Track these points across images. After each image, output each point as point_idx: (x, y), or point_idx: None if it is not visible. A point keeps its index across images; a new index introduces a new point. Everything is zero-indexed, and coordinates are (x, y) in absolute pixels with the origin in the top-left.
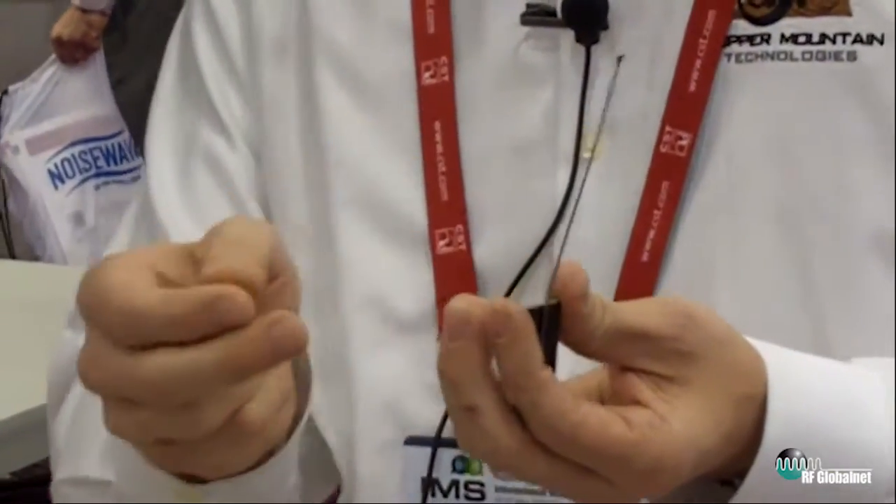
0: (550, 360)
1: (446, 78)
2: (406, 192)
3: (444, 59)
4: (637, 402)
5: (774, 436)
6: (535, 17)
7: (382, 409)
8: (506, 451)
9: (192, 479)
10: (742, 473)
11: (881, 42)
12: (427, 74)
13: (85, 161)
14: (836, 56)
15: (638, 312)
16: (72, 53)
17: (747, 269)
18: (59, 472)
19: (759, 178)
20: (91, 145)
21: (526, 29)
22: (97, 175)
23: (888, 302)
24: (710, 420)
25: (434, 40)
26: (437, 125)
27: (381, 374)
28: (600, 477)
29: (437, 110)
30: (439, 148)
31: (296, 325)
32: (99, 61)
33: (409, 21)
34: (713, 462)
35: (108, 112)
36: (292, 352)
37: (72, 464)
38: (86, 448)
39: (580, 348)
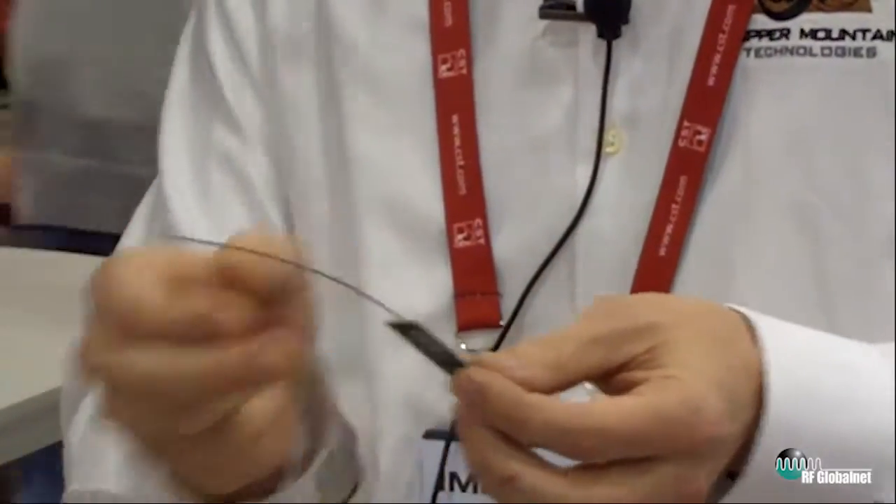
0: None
1: (464, 71)
2: (423, 186)
3: (461, 51)
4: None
5: (778, 391)
6: (553, 10)
7: (403, 404)
8: (563, 495)
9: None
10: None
11: None
12: (444, 67)
13: None
14: (856, 52)
15: (568, 330)
16: None
17: (763, 266)
18: (73, 482)
19: (777, 173)
20: None
21: (544, 22)
22: None
23: None
24: (701, 356)
25: (451, 33)
26: (455, 118)
27: (400, 370)
28: (660, 462)
29: (455, 103)
30: (457, 141)
31: (286, 350)
32: None
33: (426, 15)
34: (739, 399)
35: None
36: (277, 378)
37: (86, 475)
38: (102, 459)
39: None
